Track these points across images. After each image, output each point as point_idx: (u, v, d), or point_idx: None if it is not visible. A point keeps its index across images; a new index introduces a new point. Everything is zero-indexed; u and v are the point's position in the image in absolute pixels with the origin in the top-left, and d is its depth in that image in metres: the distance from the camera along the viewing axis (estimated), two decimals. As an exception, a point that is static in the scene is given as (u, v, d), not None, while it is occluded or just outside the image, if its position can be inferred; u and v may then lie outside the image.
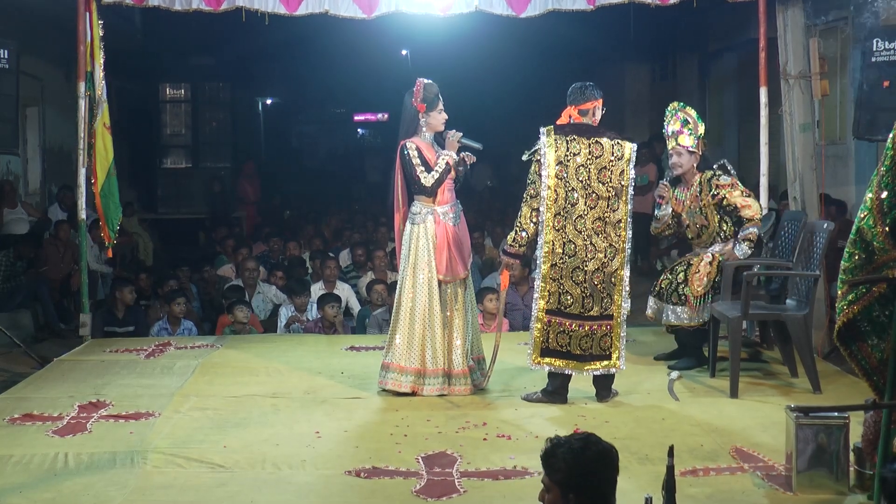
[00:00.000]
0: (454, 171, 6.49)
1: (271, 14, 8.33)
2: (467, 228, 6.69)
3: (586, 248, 6.07)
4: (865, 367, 4.06)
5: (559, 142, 6.06)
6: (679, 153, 7.01)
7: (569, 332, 6.12)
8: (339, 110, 26.95)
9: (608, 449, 3.38)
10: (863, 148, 9.27)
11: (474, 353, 6.58)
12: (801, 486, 4.67)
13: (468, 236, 6.68)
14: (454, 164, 6.45)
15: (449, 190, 6.50)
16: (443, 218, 6.46)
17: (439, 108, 6.57)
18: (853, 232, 3.97)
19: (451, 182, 6.51)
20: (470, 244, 6.73)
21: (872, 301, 3.93)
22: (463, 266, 6.49)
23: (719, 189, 6.86)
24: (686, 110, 7.05)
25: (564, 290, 6.10)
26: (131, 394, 6.52)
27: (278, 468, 5.09)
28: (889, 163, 3.86)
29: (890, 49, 7.65)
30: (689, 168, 7.01)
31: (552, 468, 3.33)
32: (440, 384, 6.39)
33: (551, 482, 3.33)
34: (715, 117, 14.71)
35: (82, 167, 8.31)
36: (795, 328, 6.51)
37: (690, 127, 6.98)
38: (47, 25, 11.12)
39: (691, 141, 6.97)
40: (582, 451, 3.33)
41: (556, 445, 3.37)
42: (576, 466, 3.29)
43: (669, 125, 7.05)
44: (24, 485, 4.82)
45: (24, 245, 10.05)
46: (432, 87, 6.60)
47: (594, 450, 3.36)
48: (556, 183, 6.04)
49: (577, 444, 3.35)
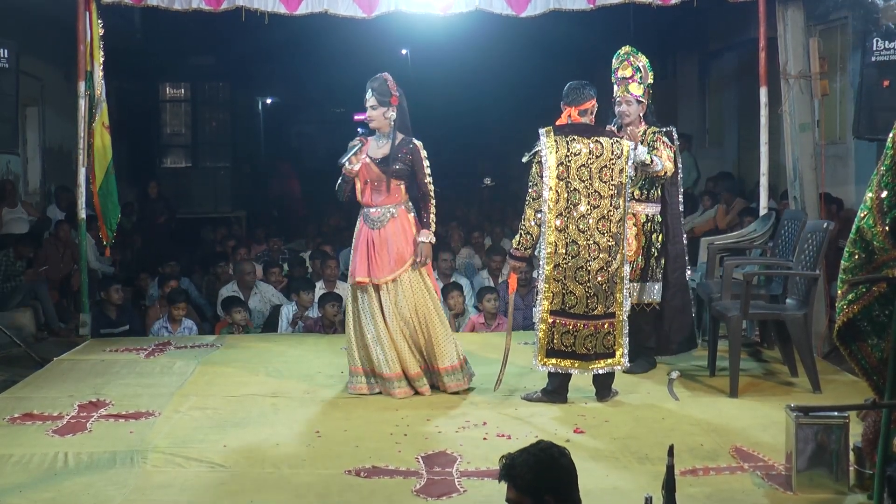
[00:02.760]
0: (366, 176, 6.41)
1: (271, 14, 8.34)
2: (406, 233, 6.41)
3: (589, 247, 6.07)
4: (865, 367, 4.05)
5: (559, 142, 6.06)
6: (628, 102, 6.79)
7: (573, 333, 6.13)
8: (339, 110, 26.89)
9: (564, 450, 3.41)
10: (862, 147, 9.26)
11: (442, 359, 6.43)
12: (801, 485, 4.68)
13: (402, 241, 6.38)
14: (351, 173, 6.39)
15: (378, 194, 6.41)
16: (365, 221, 6.45)
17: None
18: (853, 231, 3.97)
19: (385, 185, 6.39)
20: (403, 249, 6.37)
21: (872, 300, 3.93)
22: (385, 269, 6.32)
23: (658, 143, 6.63)
24: (637, 56, 6.82)
25: (568, 290, 6.10)
26: (131, 393, 6.53)
27: (278, 468, 5.09)
28: (889, 162, 3.86)
29: (890, 49, 7.64)
30: (635, 118, 6.81)
31: (516, 478, 3.32)
32: (396, 386, 6.39)
33: (520, 494, 3.31)
34: (715, 117, 14.70)
35: (82, 167, 8.31)
36: (795, 328, 6.51)
37: (641, 76, 6.79)
38: (47, 25, 11.10)
39: (640, 90, 6.78)
40: (543, 452, 3.36)
41: (514, 458, 3.37)
42: (542, 468, 3.30)
43: (619, 70, 6.83)
44: (24, 484, 4.82)
45: (24, 245, 10.03)
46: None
47: (555, 450, 3.39)
48: (557, 184, 6.04)
49: (535, 449, 3.39)
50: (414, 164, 6.42)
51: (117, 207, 8.61)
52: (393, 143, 6.42)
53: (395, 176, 6.38)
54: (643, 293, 6.86)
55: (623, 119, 6.84)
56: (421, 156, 6.43)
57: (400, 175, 6.39)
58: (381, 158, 6.41)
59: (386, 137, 6.46)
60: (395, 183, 6.40)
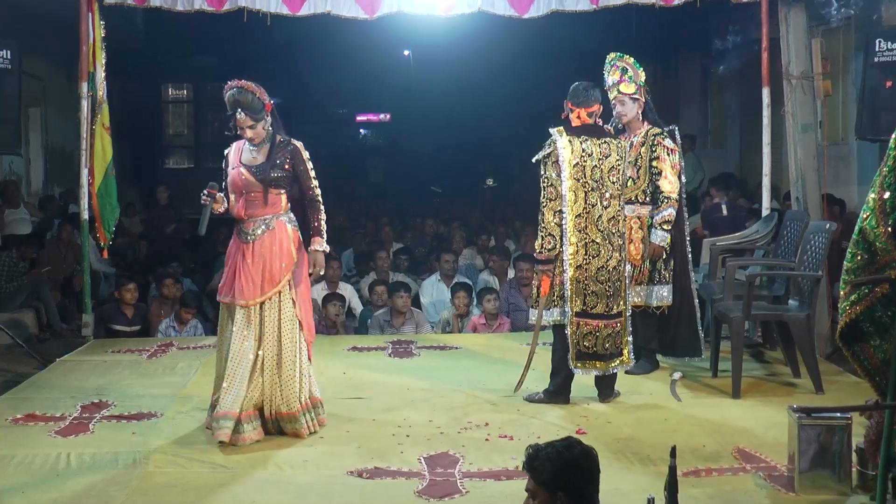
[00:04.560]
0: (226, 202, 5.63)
1: (273, 14, 8.33)
2: (283, 247, 5.60)
3: (605, 247, 6.13)
4: (868, 368, 4.05)
5: (573, 142, 6.09)
6: (622, 102, 6.85)
7: (595, 333, 6.17)
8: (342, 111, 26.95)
9: (590, 450, 3.44)
10: (865, 148, 9.26)
11: (284, 403, 5.53)
12: (804, 486, 4.67)
13: (277, 257, 5.57)
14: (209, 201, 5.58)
15: (252, 205, 5.60)
16: (238, 235, 5.67)
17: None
18: (856, 232, 3.97)
19: (262, 195, 5.57)
20: (277, 267, 5.55)
21: (875, 302, 3.92)
22: (255, 290, 5.52)
23: (659, 149, 6.76)
24: (624, 59, 6.89)
25: (590, 290, 6.14)
26: (133, 394, 6.53)
27: (280, 468, 5.09)
28: (892, 163, 3.85)
29: (892, 49, 7.64)
30: (633, 116, 6.86)
31: (537, 470, 3.35)
32: (223, 426, 5.37)
33: (537, 486, 3.35)
34: (717, 118, 14.70)
35: (85, 167, 8.32)
36: (798, 329, 6.50)
37: (630, 75, 6.84)
38: (49, 26, 11.11)
39: (632, 88, 6.83)
40: (566, 450, 3.38)
41: (539, 449, 3.41)
42: (561, 465, 3.33)
43: (609, 76, 6.90)
44: (27, 485, 4.82)
45: (27, 245, 10.05)
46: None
47: (578, 449, 3.41)
48: (573, 184, 6.06)
49: (561, 445, 3.41)
50: (295, 168, 5.62)
51: (116, 209, 8.60)
52: (271, 148, 5.62)
53: (273, 185, 5.57)
54: (650, 296, 6.87)
55: (621, 119, 6.92)
56: (303, 157, 5.65)
57: (279, 183, 5.58)
58: (258, 166, 5.59)
59: (263, 142, 5.64)
60: (274, 192, 5.58)
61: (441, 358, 7.68)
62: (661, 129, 6.86)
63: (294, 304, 5.60)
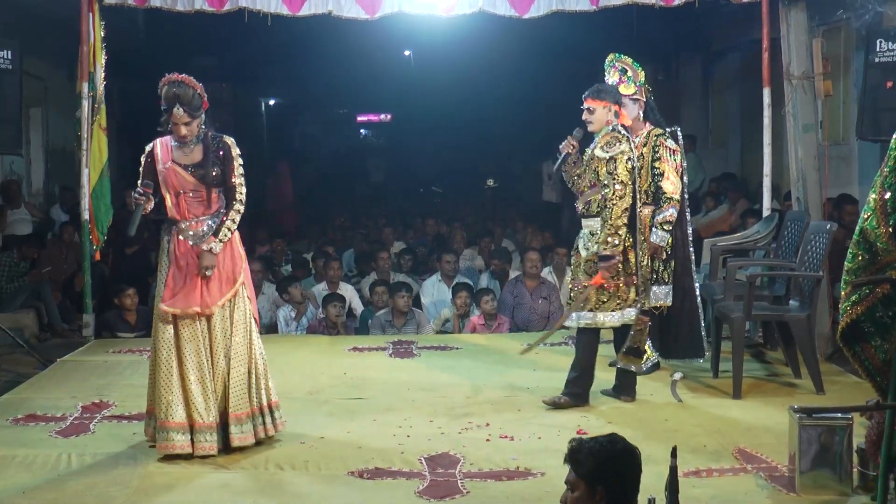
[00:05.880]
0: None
1: (274, 15, 8.34)
2: (233, 247, 5.46)
3: (642, 245, 6.28)
4: (869, 368, 4.05)
5: (629, 141, 6.25)
6: (623, 104, 6.94)
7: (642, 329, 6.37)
8: (342, 111, 26.97)
9: (634, 447, 3.44)
10: (866, 148, 9.25)
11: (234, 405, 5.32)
12: (805, 487, 4.67)
13: (229, 258, 5.41)
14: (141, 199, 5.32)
15: (195, 205, 5.39)
16: (181, 236, 5.37)
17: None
18: (857, 233, 3.97)
19: (205, 194, 5.38)
20: (231, 267, 5.41)
21: (876, 302, 3.93)
22: (217, 294, 5.31)
23: (661, 149, 6.79)
24: (623, 59, 6.89)
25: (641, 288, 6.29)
26: (134, 394, 6.50)
27: (281, 468, 5.10)
28: (893, 163, 3.85)
29: (893, 50, 7.64)
30: (634, 116, 6.87)
31: (578, 463, 3.37)
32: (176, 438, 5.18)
33: (577, 478, 3.36)
34: (718, 118, 14.69)
35: (85, 167, 8.31)
36: (798, 329, 6.50)
37: (629, 75, 6.85)
38: (50, 26, 11.11)
39: (632, 89, 6.83)
40: (609, 444, 3.40)
41: (582, 442, 3.43)
42: (603, 459, 3.34)
43: (609, 78, 6.89)
44: (28, 485, 4.83)
45: (28, 246, 10.05)
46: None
47: (621, 445, 3.42)
48: (630, 184, 6.14)
49: (604, 440, 3.43)
50: (224, 164, 5.41)
51: (109, 210, 8.59)
52: (206, 147, 5.42)
53: (215, 183, 5.37)
54: (648, 297, 6.86)
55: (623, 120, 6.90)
56: (232, 154, 5.44)
57: (219, 181, 5.40)
58: (195, 164, 5.40)
59: (195, 140, 5.46)
60: (216, 191, 5.39)
61: (442, 358, 7.68)
62: (664, 130, 6.87)
63: (250, 300, 5.46)
